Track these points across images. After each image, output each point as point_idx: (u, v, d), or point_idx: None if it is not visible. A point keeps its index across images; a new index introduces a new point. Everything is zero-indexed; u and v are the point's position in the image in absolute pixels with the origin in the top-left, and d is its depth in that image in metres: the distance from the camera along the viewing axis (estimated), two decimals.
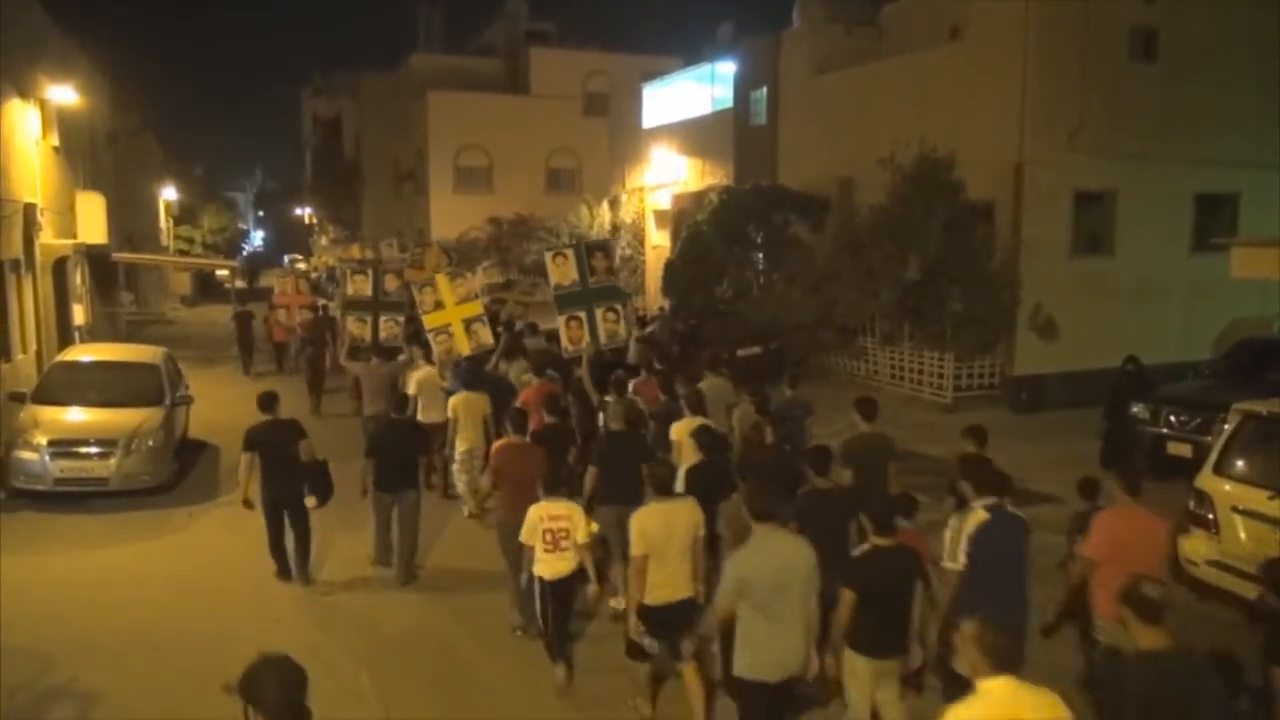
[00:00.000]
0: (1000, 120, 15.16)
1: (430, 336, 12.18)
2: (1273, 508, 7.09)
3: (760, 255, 19.56)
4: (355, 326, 13.95)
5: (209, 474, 12.11)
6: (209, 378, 17.87)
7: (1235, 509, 7.41)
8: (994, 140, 15.19)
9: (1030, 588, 5.46)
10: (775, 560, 4.79)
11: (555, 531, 6.27)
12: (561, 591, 6.39)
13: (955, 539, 5.45)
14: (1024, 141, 14.99)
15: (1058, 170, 15.01)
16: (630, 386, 9.83)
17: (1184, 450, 10.67)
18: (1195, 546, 7.61)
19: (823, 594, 5.00)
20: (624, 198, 27.95)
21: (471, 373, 11.05)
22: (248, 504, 8.16)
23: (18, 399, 11.55)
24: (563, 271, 11.45)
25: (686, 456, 7.44)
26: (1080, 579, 5.60)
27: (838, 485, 6.47)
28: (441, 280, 12.60)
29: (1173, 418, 11.15)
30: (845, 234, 17.10)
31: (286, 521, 8.23)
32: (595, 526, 6.73)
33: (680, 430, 7.87)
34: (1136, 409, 11.56)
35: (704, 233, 19.66)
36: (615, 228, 27.68)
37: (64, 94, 17.64)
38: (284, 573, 8.33)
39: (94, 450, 10.52)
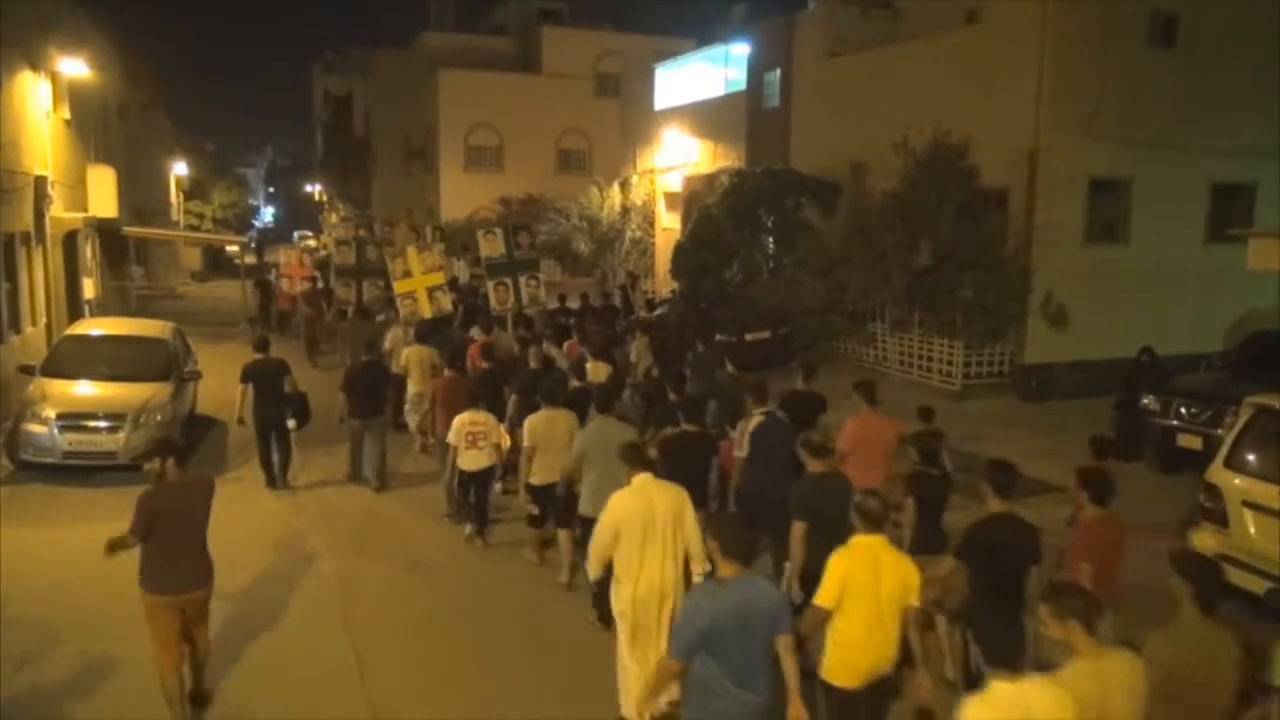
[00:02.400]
0: (1015, 106, 15.00)
1: (398, 299, 14.48)
2: None
3: (771, 239, 19.46)
4: (342, 290, 17.02)
5: (217, 449, 12.15)
6: (218, 353, 17.84)
7: (1246, 503, 7.35)
8: (1009, 126, 15.03)
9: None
10: (603, 435, 7.00)
11: (474, 434, 8.59)
12: (477, 479, 8.76)
13: (741, 436, 7.61)
14: (1039, 128, 14.83)
15: (1073, 157, 14.84)
16: (564, 346, 12.26)
17: (1194, 443, 10.59)
18: (1204, 540, 7.54)
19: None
20: (635, 179, 27.80)
21: (435, 332, 13.15)
22: (241, 422, 10.45)
23: (27, 371, 11.60)
24: (492, 245, 14.20)
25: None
26: (841, 459, 7.37)
27: (689, 395, 8.93)
28: (411, 252, 14.87)
29: (1183, 410, 11.05)
30: (857, 219, 16.97)
31: (272, 440, 10.37)
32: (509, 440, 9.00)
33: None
34: (1147, 400, 11.47)
35: (714, 215, 19.56)
36: (625, 209, 27.55)
37: (75, 67, 17.62)
38: (270, 483, 10.40)
39: (102, 424, 10.57)
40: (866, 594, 4.55)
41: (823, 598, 4.59)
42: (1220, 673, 3.99)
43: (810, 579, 5.17)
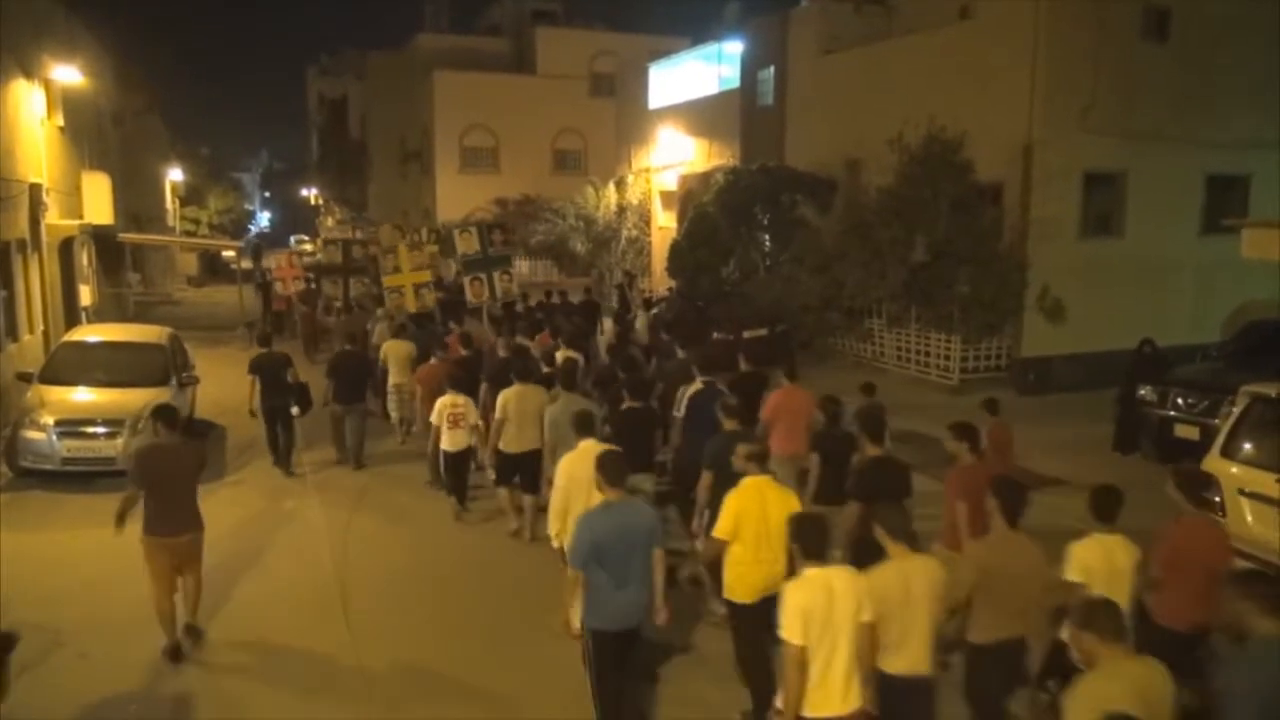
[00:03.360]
0: (1010, 100, 15.02)
1: (386, 294, 15.57)
2: None
3: (767, 237, 19.47)
4: (330, 288, 18.57)
5: (215, 453, 12.11)
6: (215, 358, 17.87)
7: (1242, 492, 7.37)
8: (1003, 121, 15.05)
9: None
10: (567, 409, 7.50)
11: (454, 414, 9.32)
12: (458, 459, 9.49)
13: (680, 400, 8.62)
14: (1033, 122, 14.85)
15: (1067, 151, 14.87)
16: (536, 338, 12.89)
17: (1191, 433, 10.61)
18: None
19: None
20: (630, 178, 27.81)
21: (420, 326, 14.26)
22: (253, 413, 11.05)
23: (25, 379, 11.57)
24: (468, 243, 15.01)
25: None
26: (767, 429, 8.46)
27: (642, 377, 9.45)
28: (402, 249, 15.80)
29: (1180, 400, 11.08)
30: (852, 215, 16.99)
31: (278, 426, 11.16)
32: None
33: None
34: (1144, 391, 11.49)
35: (710, 214, 19.58)
36: (621, 209, 27.55)
37: (69, 74, 17.56)
38: (275, 462, 11.20)
39: (101, 430, 10.54)
40: (754, 523, 5.46)
41: (719, 530, 5.55)
42: (1025, 571, 4.92)
43: None
